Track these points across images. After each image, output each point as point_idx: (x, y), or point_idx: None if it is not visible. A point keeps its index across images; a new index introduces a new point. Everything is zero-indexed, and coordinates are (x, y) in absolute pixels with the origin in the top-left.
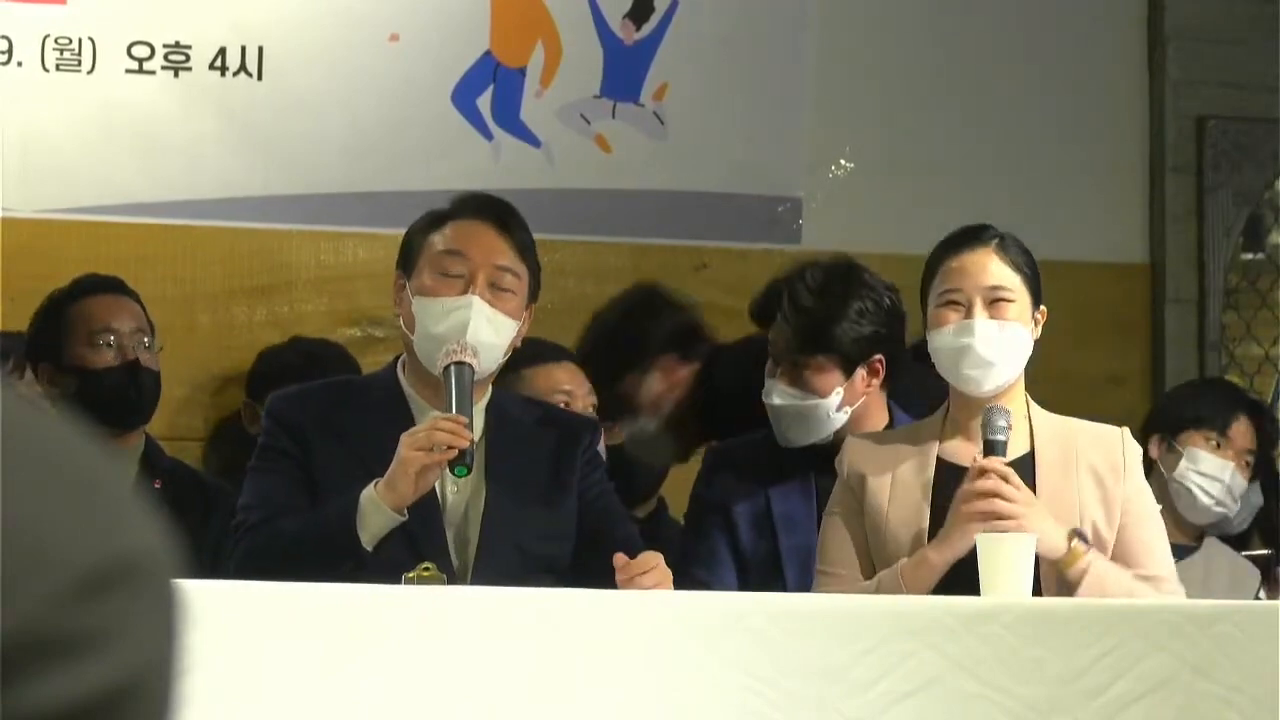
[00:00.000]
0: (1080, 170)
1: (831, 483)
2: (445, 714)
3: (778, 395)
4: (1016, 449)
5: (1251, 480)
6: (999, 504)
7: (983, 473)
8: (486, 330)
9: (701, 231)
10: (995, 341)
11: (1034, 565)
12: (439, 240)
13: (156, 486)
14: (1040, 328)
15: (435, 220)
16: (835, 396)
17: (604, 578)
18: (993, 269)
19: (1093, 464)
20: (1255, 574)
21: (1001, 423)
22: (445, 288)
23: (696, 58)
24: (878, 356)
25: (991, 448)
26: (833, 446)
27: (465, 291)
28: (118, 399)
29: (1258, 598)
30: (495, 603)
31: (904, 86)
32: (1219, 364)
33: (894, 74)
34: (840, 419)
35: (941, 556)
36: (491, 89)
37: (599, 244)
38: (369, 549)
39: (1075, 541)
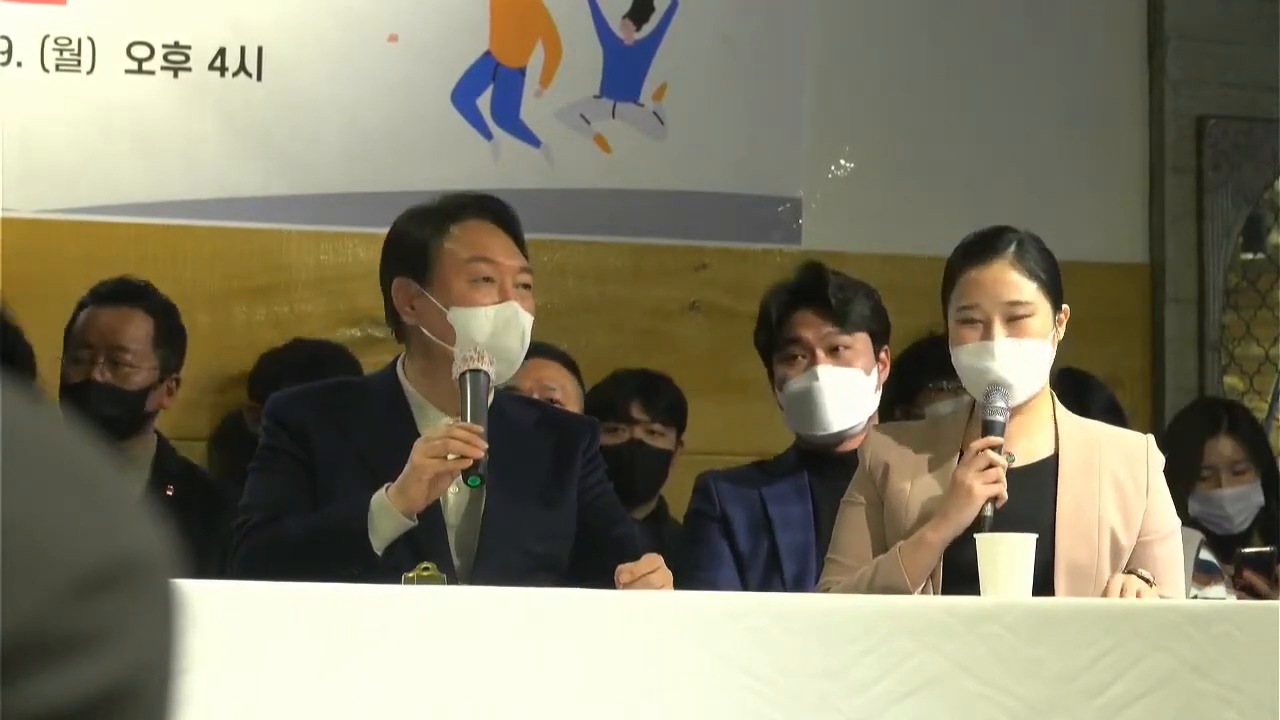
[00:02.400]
0: (1080, 170)
1: (825, 484)
2: (445, 714)
3: (822, 375)
4: (1040, 452)
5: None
6: (1000, 473)
7: (979, 452)
8: (527, 335)
9: (701, 231)
10: (1016, 365)
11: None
12: (459, 248)
13: (169, 493)
14: (1064, 327)
15: (436, 222)
16: (873, 375)
17: (604, 578)
18: (1011, 282)
19: (1115, 472)
20: (1196, 535)
21: (1000, 403)
22: (481, 295)
23: (696, 58)
24: (885, 346)
25: (989, 428)
26: (825, 451)
27: (500, 298)
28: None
29: (1198, 556)
30: (495, 603)
31: (904, 86)
32: (1219, 364)
33: (894, 74)
34: (874, 403)
35: (939, 534)
36: (491, 89)
37: (599, 244)
38: (379, 553)
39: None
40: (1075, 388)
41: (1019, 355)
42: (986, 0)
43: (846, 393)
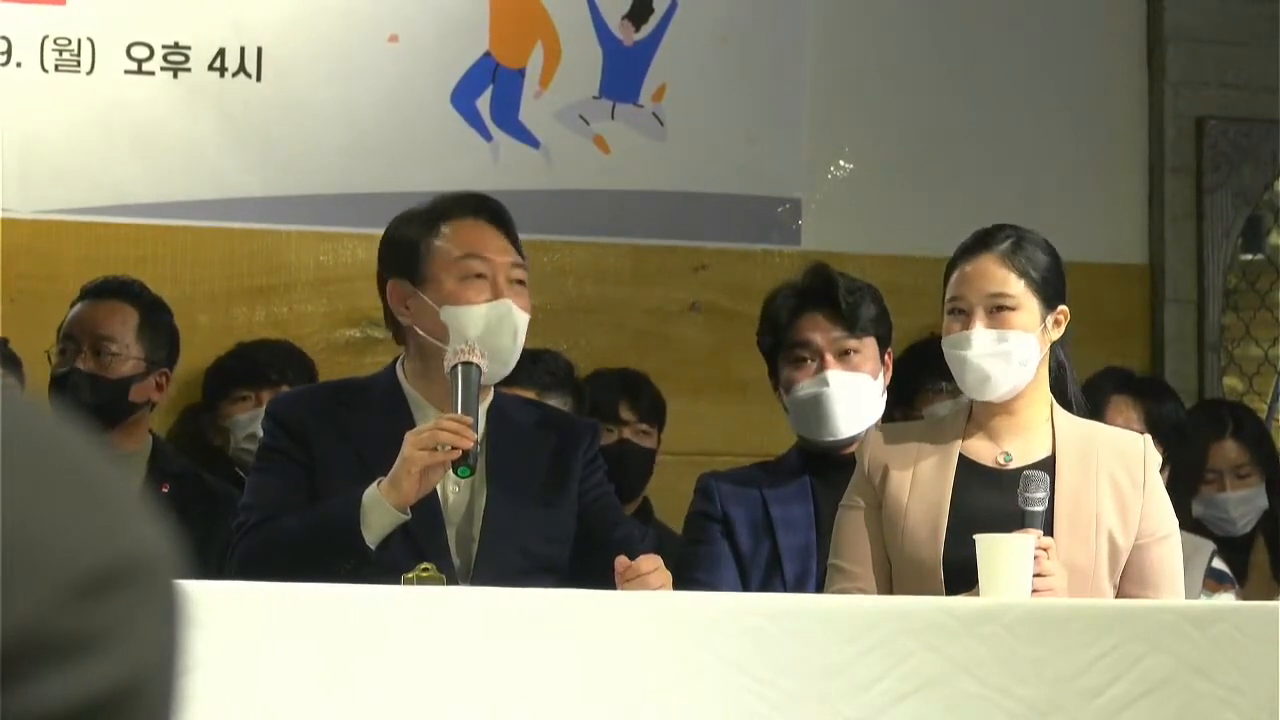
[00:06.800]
0: (1080, 171)
1: (827, 486)
2: (445, 714)
3: (833, 380)
4: (1037, 453)
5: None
6: (1051, 582)
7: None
8: (521, 333)
9: (701, 232)
10: (993, 353)
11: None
12: (451, 245)
13: (164, 491)
14: (1063, 328)
15: (427, 222)
16: (880, 379)
17: (604, 578)
18: (995, 275)
19: (1112, 471)
20: (1208, 545)
21: (1038, 494)
22: (473, 292)
23: (696, 58)
24: (889, 349)
25: (1027, 519)
26: (827, 453)
27: (493, 295)
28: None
29: (1210, 564)
30: (495, 603)
31: (904, 86)
32: (1218, 365)
33: (894, 74)
34: (881, 407)
35: None
36: (490, 90)
37: (598, 244)
38: (372, 547)
39: None
40: (1154, 392)
41: (997, 345)
42: (986, 1)
43: (856, 398)
